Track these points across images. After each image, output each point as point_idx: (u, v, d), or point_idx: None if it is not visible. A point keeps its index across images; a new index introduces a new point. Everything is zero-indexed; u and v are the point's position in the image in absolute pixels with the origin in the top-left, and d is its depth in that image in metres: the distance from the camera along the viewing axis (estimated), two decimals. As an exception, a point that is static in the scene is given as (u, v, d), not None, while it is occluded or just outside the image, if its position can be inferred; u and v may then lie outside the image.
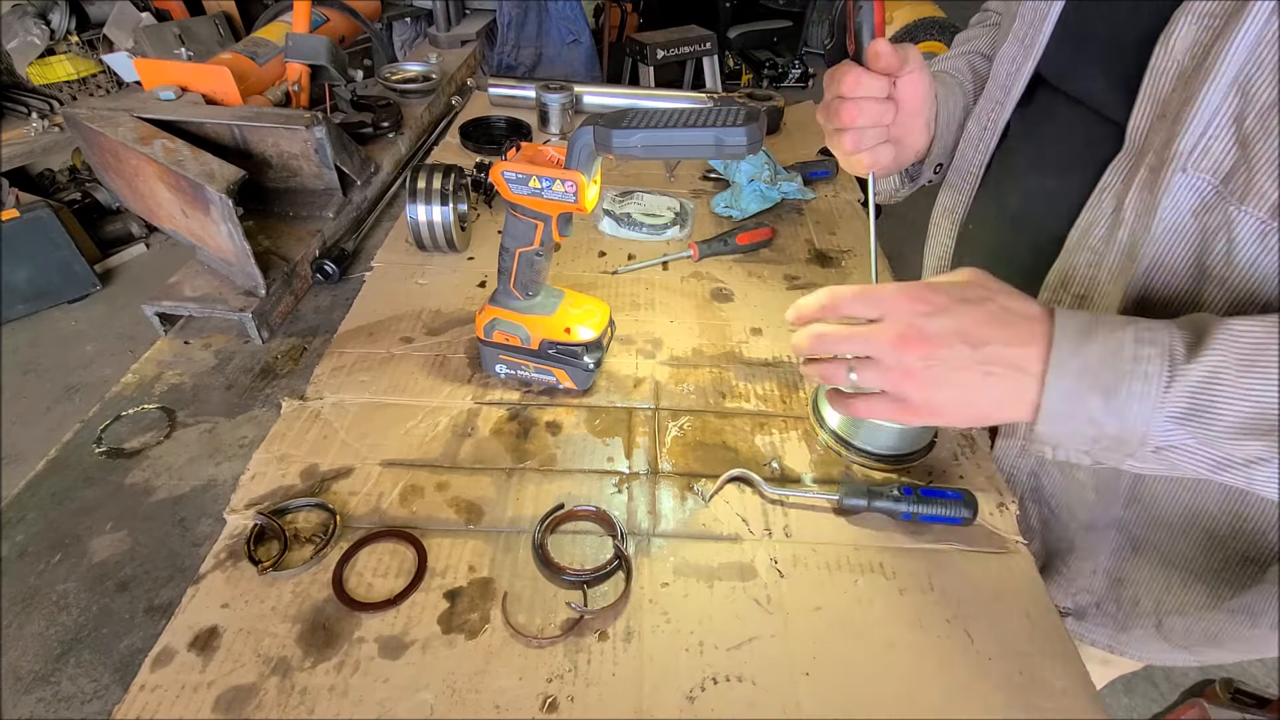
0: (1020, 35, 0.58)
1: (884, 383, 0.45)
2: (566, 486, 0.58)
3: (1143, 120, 0.47)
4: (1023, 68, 0.58)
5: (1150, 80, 0.46)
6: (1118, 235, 0.49)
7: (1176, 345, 0.38)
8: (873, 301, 0.45)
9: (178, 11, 2.65)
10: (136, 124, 0.76)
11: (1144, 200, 0.47)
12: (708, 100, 1.29)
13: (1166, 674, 1.55)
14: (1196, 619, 0.60)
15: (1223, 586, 0.57)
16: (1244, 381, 0.36)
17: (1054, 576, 0.66)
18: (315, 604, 0.49)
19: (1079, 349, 0.39)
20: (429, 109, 1.23)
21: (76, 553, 0.53)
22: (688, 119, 0.48)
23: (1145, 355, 0.38)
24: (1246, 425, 0.36)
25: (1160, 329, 0.39)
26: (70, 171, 2.65)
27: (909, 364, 0.43)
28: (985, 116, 0.63)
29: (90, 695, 0.46)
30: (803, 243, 0.93)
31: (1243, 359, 0.36)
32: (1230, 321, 0.38)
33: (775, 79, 3.98)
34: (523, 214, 0.57)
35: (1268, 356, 0.36)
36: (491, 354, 0.66)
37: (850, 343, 0.45)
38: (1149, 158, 0.46)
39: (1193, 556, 0.57)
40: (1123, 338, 0.39)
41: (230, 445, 0.63)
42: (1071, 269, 0.53)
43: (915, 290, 0.44)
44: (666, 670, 0.46)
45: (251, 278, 0.73)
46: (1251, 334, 0.37)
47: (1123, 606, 0.64)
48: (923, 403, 0.44)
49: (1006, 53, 0.60)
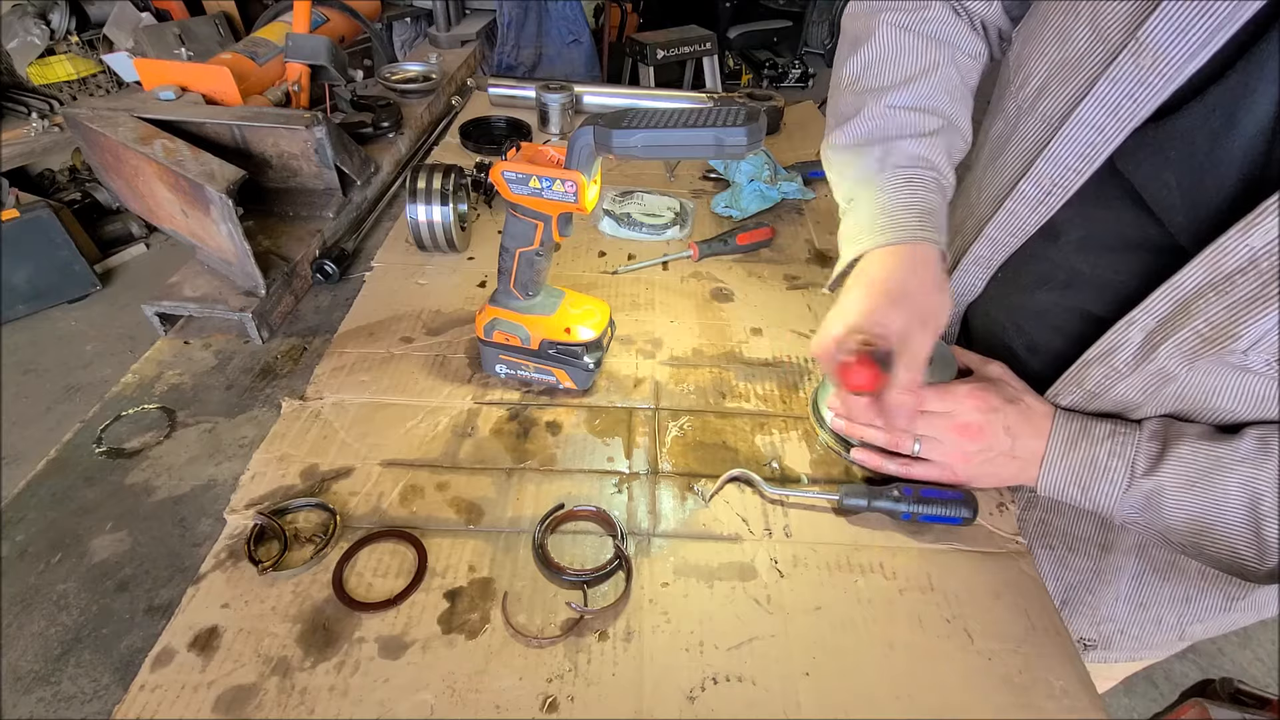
0: (1113, 104, 0.47)
1: (939, 455, 0.56)
2: (566, 486, 0.58)
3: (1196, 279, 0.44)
4: (1112, 140, 0.48)
5: (1215, 254, 0.43)
6: (1145, 368, 0.49)
7: (1139, 460, 0.49)
8: (948, 400, 0.55)
9: (178, 11, 2.65)
10: (136, 124, 0.76)
11: (1181, 352, 0.46)
12: (708, 100, 1.29)
13: (1166, 674, 1.55)
14: (1213, 622, 0.63)
15: (1234, 588, 0.60)
16: (1182, 497, 0.48)
17: (1078, 608, 0.67)
18: (315, 604, 0.49)
19: (1065, 456, 0.52)
20: (429, 109, 1.23)
21: (76, 553, 0.53)
22: (688, 119, 0.48)
23: (1114, 467, 0.50)
24: (1180, 527, 0.49)
25: (1130, 443, 0.50)
26: (70, 171, 2.66)
27: (965, 447, 0.54)
28: (1052, 181, 0.53)
29: (90, 695, 0.46)
30: (803, 243, 0.93)
31: (1184, 480, 0.47)
32: (1186, 444, 0.48)
33: (775, 79, 3.99)
34: (523, 214, 0.57)
35: (1206, 479, 0.47)
36: (491, 354, 0.66)
37: (926, 424, 0.55)
38: (1199, 324, 0.44)
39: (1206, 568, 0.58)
40: (1098, 452, 0.51)
41: (230, 445, 0.63)
42: (1087, 374, 0.53)
43: (978, 392, 0.55)
44: (666, 670, 0.46)
45: (251, 278, 0.73)
46: (1197, 461, 0.47)
47: (1145, 628, 0.65)
48: (965, 475, 0.56)
49: (1090, 116, 0.49)
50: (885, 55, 0.60)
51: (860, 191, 0.60)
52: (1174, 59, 0.43)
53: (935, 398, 0.55)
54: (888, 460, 0.57)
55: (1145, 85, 0.45)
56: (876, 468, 0.58)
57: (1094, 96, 0.48)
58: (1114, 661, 0.71)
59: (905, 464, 0.57)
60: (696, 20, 2.75)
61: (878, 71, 0.61)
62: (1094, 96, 0.48)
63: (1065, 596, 0.66)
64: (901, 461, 0.57)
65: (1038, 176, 0.54)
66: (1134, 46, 0.44)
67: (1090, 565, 0.63)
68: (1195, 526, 0.48)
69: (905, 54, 0.60)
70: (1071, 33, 0.50)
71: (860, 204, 0.59)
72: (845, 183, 0.63)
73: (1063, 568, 0.65)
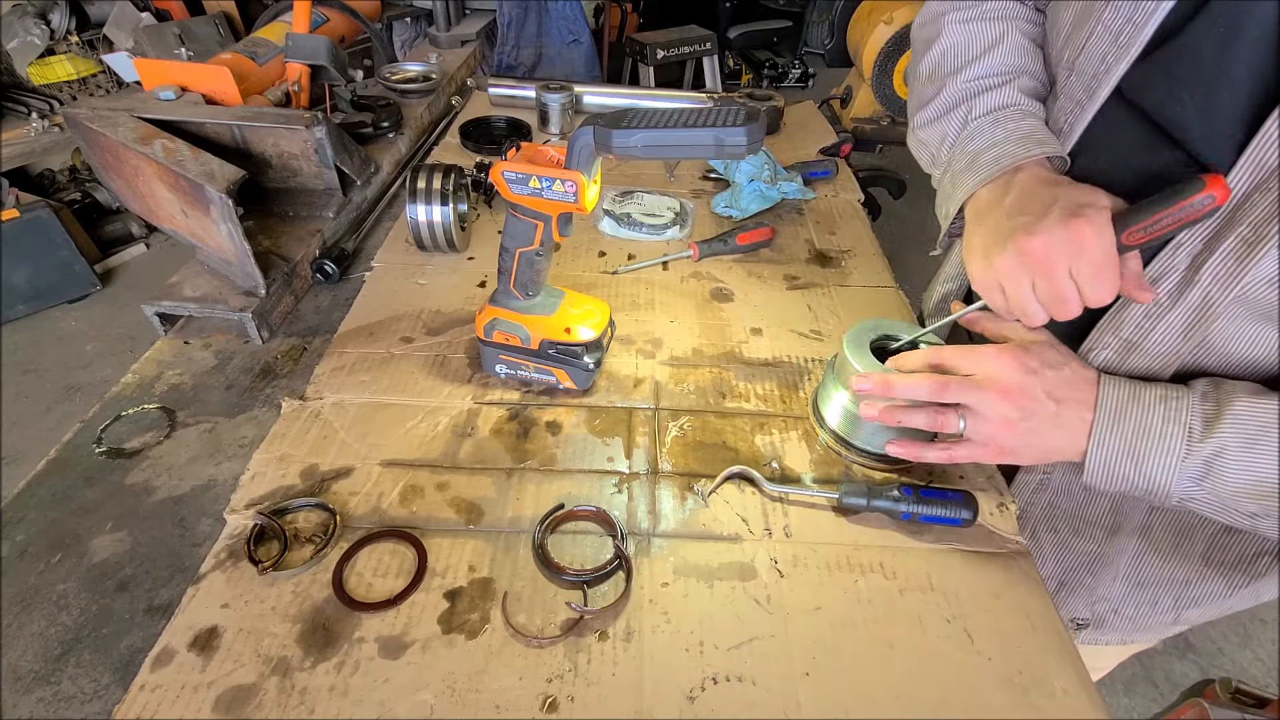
0: (1115, 30, 0.50)
1: (982, 430, 0.51)
2: (566, 486, 0.58)
3: (1242, 185, 0.44)
4: (1114, 68, 0.50)
5: (1258, 147, 0.42)
6: (1188, 295, 0.48)
7: (1195, 423, 0.46)
8: (975, 359, 0.52)
9: (178, 11, 2.65)
10: (136, 124, 0.76)
11: (1227, 268, 0.45)
12: (708, 100, 1.29)
13: (1166, 674, 1.55)
14: (1211, 607, 0.63)
15: (1237, 576, 0.60)
16: (1244, 457, 0.45)
17: (1075, 589, 0.67)
18: (315, 604, 0.49)
19: (1116, 425, 0.48)
20: (429, 109, 1.23)
21: (76, 553, 0.53)
22: (688, 119, 0.48)
23: (1169, 433, 0.47)
24: (1246, 490, 0.45)
25: (1184, 406, 0.47)
26: (70, 171, 2.65)
27: (1008, 414, 0.50)
28: (1062, 117, 0.56)
29: (90, 695, 0.46)
30: (803, 243, 0.93)
31: (1246, 438, 0.45)
32: (1240, 401, 0.45)
33: (775, 79, 3.98)
34: (523, 214, 0.57)
35: (1268, 436, 0.44)
36: (491, 354, 0.66)
37: (961, 391, 0.51)
38: (1243, 229, 0.44)
39: (1210, 552, 0.59)
40: (1151, 418, 0.47)
41: (230, 445, 0.63)
42: (1127, 315, 0.52)
43: (1014, 351, 0.51)
44: (666, 670, 0.46)
45: (251, 278, 0.73)
46: (1256, 417, 0.45)
47: (1141, 608, 0.65)
48: (1011, 446, 0.51)
49: (1095, 48, 0.52)
50: (956, 44, 0.62)
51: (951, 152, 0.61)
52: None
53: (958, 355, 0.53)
54: (927, 449, 0.55)
55: (1141, 7, 0.47)
56: (916, 458, 0.55)
57: (1101, 26, 0.50)
58: (1105, 644, 0.71)
59: (947, 448, 0.54)
60: (696, 20, 2.75)
61: (952, 58, 0.63)
62: (1101, 26, 0.50)
63: (1064, 578, 0.67)
64: (943, 446, 0.54)
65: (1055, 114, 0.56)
66: None
67: (1094, 548, 0.64)
68: (1263, 489, 0.45)
69: (974, 38, 0.62)
70: None
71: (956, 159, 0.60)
72: (931, 150, 0.64)
73: (1064, 550, 0.65)
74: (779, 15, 4.08)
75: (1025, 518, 0.66)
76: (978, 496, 0.56)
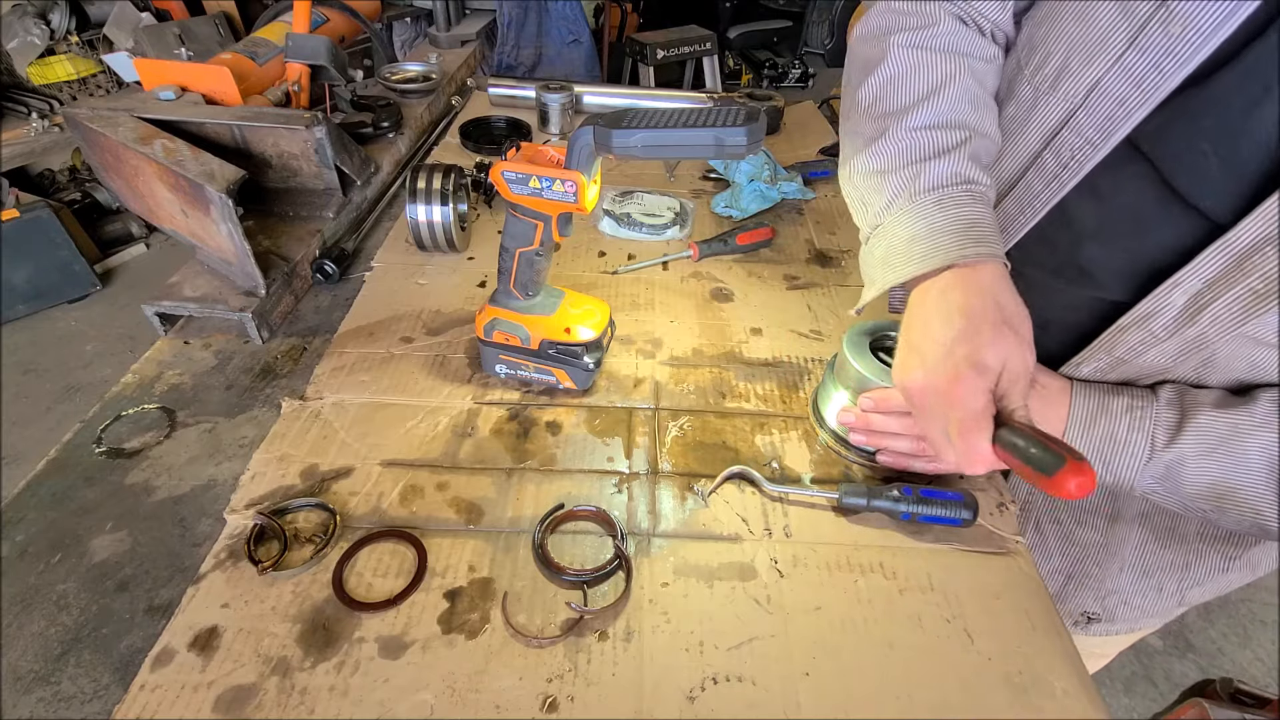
0: (1138, 76, 0.47)
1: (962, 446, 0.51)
2: (566, 486, 0.58)
3: (1252, 233, 0.43)
4: (1134, 113, 0.48)
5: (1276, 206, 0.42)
6: (1185, 331, 0.48)
7: (1158, 432, 0.50)
8: None
9: (178, 11, 2.65)
10: (136, 124, 0.76)
11: (1232, 314, 0.46)
12: (708, 100, 1.29)
13: (1166, 674, 1.55)
14: (1210, 584, 0.65)
15: (1232, 549, 0.62)
16: (1202, 465, 0.49)
17: (1083, 582, 0.68)
18: (315, 604, 0.49)
19: (1086, 434, 0.53)
20: (429, 109, 1.23)
21: (76, 553, 0.53)
22: (688, 119, 0.48)
23: (1134, 441, 0.51)
24: (1202, 492, 0.50)
25: (1149, 415, 0.51)
26: (70, 171, 2.65)
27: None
28: (1067, 154, 0.53)
29: (90, 695, 0.46)
30: (803, 243, 0.93)
31: (1204, 448, 0.48)
32: (1204, 413, 0.49)
33: (775, 79, 3.98)
34: (523, 214, 0.57)
35: (1225, 446, 0.48)
36: (491, 354, 0.66)
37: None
38: (1253, 280, 0.44)
39: (1204, 529, 0.61)
40: (1117, 427, 0.52)
41: (230, 445, 0.63)
42: (1121, 340, 0.52)
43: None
44: (666, 670, 0.46)
45: (251, 278, 0.73)
46: (1216, 430, 0.48)
47: (1148, 596, 0.67)
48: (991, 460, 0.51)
49: (1112, 89, 0.49)
50: (901, 75, 0.59)
51: (889, 218, 0.56)
52: (1204, 27, 0.43)
53: None
54: (914, 459, 0.57)
55: (1173, 55, 0.45)
56: (904, 467, 0.58)
57: (1120, 67, 0.48)
58: (1115, 634, 0.73)
59: (932, 458, 0.57)
60: (696, 20, 2.75)
61: (894, 92, 0.59)
62: (1120, 67, 0.48)
63: (1071, 571, 0.68)
64: (928, 457, 0.57)
65: (1058, 147, 0.54)
66: (1164, 16, 0.45)
67: (1098, 539, 0.64)
68: (1216, 492, 0.49)
69: (920, 71, 0.58)
70: (1093, 11, 0.51)
71: (892, 228, 0.55)
72: (871, 209, 0.59)
73: (1069, 543, 0.66)
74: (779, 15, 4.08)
75: (1028, 511, 0.67)
76: (978, 496, 0.56)
